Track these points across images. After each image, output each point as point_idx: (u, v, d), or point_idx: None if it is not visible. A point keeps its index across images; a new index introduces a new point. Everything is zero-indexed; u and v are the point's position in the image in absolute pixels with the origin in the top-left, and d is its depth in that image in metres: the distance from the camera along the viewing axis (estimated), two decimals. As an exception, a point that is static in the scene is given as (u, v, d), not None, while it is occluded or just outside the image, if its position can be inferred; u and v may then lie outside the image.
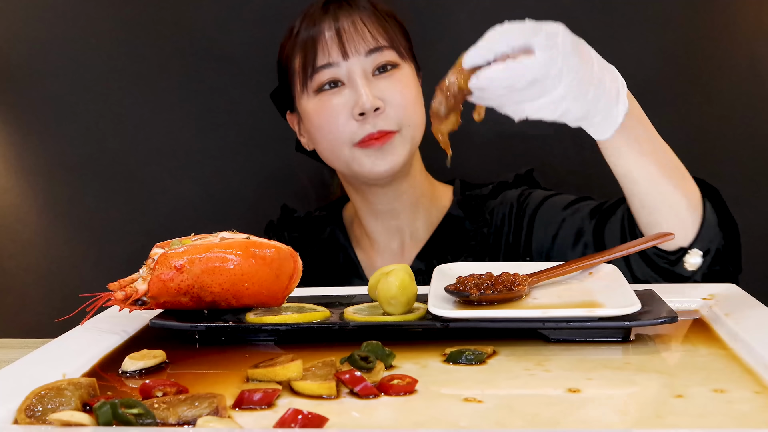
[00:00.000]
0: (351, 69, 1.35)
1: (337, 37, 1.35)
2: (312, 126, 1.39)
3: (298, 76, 1.39)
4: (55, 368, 0.83)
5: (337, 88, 1.36)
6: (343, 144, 1.35)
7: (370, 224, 1.47)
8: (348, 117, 1.34)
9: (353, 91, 1.34)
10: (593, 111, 1.00)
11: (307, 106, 1.39)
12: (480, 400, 0.73)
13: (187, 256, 0.93)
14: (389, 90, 1.35)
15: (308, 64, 1.37)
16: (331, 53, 1.35)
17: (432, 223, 1.47)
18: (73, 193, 1.97)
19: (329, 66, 1.35)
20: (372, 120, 1.33)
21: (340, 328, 0.92)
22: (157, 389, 0.74)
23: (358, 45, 1.35)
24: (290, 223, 1.58)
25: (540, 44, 0.93)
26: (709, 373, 0.79)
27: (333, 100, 1.35)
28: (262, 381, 0.78)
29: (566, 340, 0.90)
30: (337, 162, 1.39)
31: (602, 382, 0.78)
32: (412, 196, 1.44)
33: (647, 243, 1.05)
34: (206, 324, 0.94)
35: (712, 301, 1.01)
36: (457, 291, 0.94)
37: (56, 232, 1.97)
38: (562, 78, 0.94)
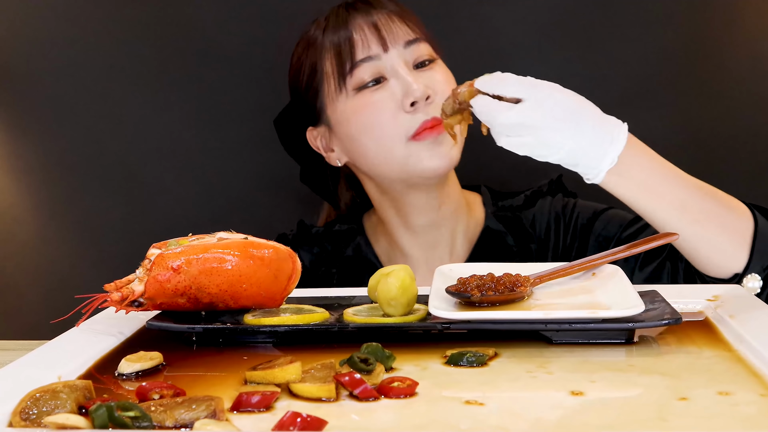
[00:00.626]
0: (393, 61, 1.31)
1: (374, 29, 1.31)
2: (355, 128, 1.32)
3: (332, 77, 1.33)
4: (50, 370, 0.83)
5: (379, 84, 1.31)
6: (397, 139, 1.29)
7: (404, 239, 1.40)
8: (396, 110, 1.29)
9: (398, 82, 1.30)
10: (574, 158, 1.09)
11: (346, 107, 1.32)
12: (481, 403, 0.73)
13: (184, 257, 0.93)
14: (434, 80, 1.31)
15: (345, 60, 1.31)
16: (370, 46, 1.31)
17: (470, 237, 1.42)
18: (70, 193, 1.97)
19: (369, 60, 1.30)
20: (422, 109, 1.29)
21: (339, 329, 0.92)
22: (153, 392, 0.74)
23: (396, 36, 1.32)
24: (308, 239, 1.49)
25: (528, 98, 1.07)
26: (714, 375, 0.78)
27: (377, 95, 1.30)
28: (260, 383, 0.78)
29: (569, 342, 0.89)
30: (388, 164, 1.31)
31: (605, 384, 0.78)
32: (450, 205, 1.39)
33: (652, 243, 1.05)
34: (203, 325, 0.94)
35: (717, 302, 1.01)
36: (459, 292, 0.93)
37: (53, 232, 1.97)
38: (536, 131, 1.06)
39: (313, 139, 1.42)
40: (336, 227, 1.49)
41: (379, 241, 1.46)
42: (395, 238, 1.41)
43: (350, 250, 1.46)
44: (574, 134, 1.06)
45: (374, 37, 1.31)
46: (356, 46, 1.31)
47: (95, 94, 1.93)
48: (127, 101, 1.92)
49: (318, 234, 1.49)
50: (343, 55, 1.32)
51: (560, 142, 1.06)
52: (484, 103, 1.08)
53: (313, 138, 1.42)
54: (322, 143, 1.41)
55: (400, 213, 1.39)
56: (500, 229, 1.41)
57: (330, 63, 1.33)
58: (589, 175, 1.10)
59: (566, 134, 1.06)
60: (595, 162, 1.08)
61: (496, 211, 1.43)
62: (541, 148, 1.07)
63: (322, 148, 1.42)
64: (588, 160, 1.08)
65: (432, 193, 1.36)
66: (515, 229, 1.41)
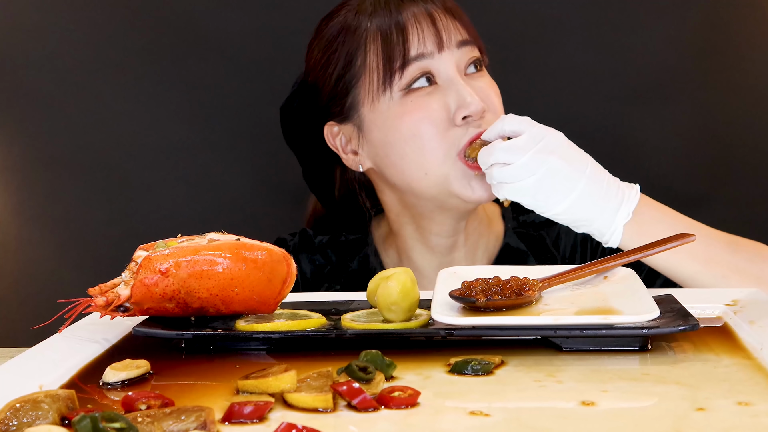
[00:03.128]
0: (447, 64, 1.23)
1: (431, 22, 1.23)
2: (397, 136, 1.24)
3: (376, 72, 1.23)
4: (31, 379, 0.83)
5: (429, 87, 1.23)
6: (444, 156, 1.22)
7: (420, 256, 1.36)
8: (447, 121, 1.22)
9: (452, 91, 1.22)
10: (583, 217, 1.15)
11: (389, 110, 1.24)
12: (487, 414, 0.73)
13: (172, 259, 0.93)
14: (486, 92, 1.25)
15: (395, 55, 1.21)
16: (426, 42, 1.22)
17: (489, 254, 1.39)
18: (51, 191, 1.97)
19: (422, 58, 1.22)
20: (475, 122, 1.22)
21: (337, 336, 0.92)
22: (140, 402, 0.74)
23: (451, 35, 1.24)
24: (311, 249, 1.43)
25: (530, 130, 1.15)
26: (733, 384, 0.79)
27: (429, 101, 1.22)
28: (253, 393, 0.78)
29: (579, 349, 0.90)
30: (428, 180, 1.24)
31: (618, 394, 0.78)
32: (473, 222, 1.35)
33: (668, 245, 1.05)
34: (193, 332, 0.94)
35: (736, 306, 1.01)
36: (463, 296, 0.94)
37: (33, 232, 1.97)
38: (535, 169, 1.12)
39: (332, 136, 1.33)
40: (342, 237, 1.43)
41: (389, 253, 1.41)
42: (409, 253, 1.37)
43: (356, 263, 1.41)
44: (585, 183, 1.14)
45: (431, 33, 1.22)
46: (410, 40, 1.22)
47: (76, 86, 1.93)
48: (111, 95, 1.92)
49: (322, 244, 1.43)
50: (393, 49, 1.22)
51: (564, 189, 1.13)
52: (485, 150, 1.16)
53: (332, 136, 1.33)
54: (342, 142, 1.33)
55: (419, 229, 1.34)
56: (521, 248, 1.37)
57: (375, 55, 1.24)
58: (605, 234, 1.15)
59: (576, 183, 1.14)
60: (609, 216, 1.13)
61: (517, 227, 1.40)
62: (545, 195, 1.13)
63: (341, 148, 1.33)
64: (601, 214, 1.14)
65: (462, 218, 1.32)
66: (537, 249, 1.38)
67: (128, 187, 1.95)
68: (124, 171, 1.95)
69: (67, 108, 1.94)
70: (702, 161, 1.88)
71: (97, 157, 1.95)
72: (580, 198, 1.13)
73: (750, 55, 1.83)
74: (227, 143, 1.93)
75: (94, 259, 1.96)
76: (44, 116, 1.95)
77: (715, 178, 1.88)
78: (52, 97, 1.94)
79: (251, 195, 1.94)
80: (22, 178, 1.96)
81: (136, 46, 1.91)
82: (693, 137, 1.87)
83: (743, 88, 1.85)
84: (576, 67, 1.88)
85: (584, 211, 1.14)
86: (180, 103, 1.92)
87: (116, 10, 1.90)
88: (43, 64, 1.93)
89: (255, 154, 1.92)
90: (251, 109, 1.89)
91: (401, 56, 1.22)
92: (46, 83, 1.93)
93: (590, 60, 1.87)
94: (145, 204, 1.95)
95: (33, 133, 1.95)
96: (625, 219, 1.14)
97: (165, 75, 1.91)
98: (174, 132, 1.93)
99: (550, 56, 1.88)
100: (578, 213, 1.14)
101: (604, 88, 1.88)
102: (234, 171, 1.93)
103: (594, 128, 1.88)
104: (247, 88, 1.88)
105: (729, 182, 1.88)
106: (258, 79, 1.73)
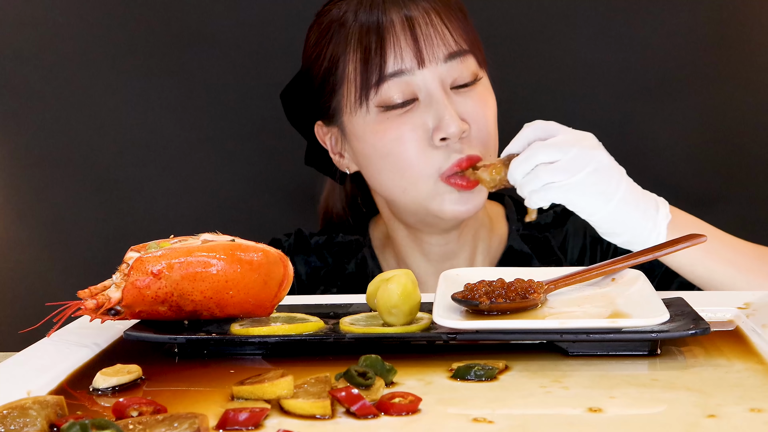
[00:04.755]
0: (428, 80, 1.21)
1: (410, 34, 1.20)
2: (372, 151, 1.24)
3: (354, 84, 1.22)
4: (18, 385, 0.83)
5: (408, 106, 1.22)
6: (425, 177, 1.22)
7: (416, 261, 1.36)
8: (426, 141, 1.21)
9: (431, 109, 1.21)
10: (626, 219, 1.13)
11: (365, 125, 1.23)
12: (491, 421, 0.73)
13: (165, 261, 0.93)
14: (471, 109, 1.23)
15: (372, 70, 1.20)
16: (404, 57, 1.20)
17: (491, 258, 1.38)
18: (38, 190, 1.97)
19: (400, 74, 1.20)
20: (455, 145, 1.21)
21: (335, 340, 0.92)
22: (131, 408, 0.74)
23: (436, 49, 1.21)
24: (306, 250, 1.43)
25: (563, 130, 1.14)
26: (745, 390, 0.79)
27: (405, 120, 1.21)
28: (248, 399, 0.78)
29: (586, 354, 0.90)
30: (406, 196, 1.25)
31: (626, 400, 0.78)
32: (472, 229, 1.35)
33: (678, 246, 1.05)
34: (187, 336, 0.94)
35: (749, 310, 1.01)
36: (466, 299, 0.94)
37: (20, 232, 1.97)
38: (586, 163, 1.10)
39: (322, 135, 1.35)
40: (339, 238, 1.43)
41: (387, 256, 1.41)
42: (404, 256, 1.37)
43: (353, 266, 1.41)
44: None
45: (409, 48, 1.20)
46: (388, 54, 1.20)
47: (65, 82, 1.93)
48: (101, 91, 1.92)
49: (318, 245, 1.43)
50: (370, 63, 1.20)
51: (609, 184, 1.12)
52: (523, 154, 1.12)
53: (322, 134, 1.35)
54: (331, 143, 1.34)
55: (416, 239, 1.35)
56: (525, 250, 1.37)
57: (354, 67, 1.23)
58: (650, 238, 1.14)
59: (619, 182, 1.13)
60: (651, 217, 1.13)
61: (522, 229, 1.39)
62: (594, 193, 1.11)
63: (330, 148, 1.34)
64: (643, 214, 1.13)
65: (452, 229, 1.32)
66: (542, 252, 1.37)
67: (119, 186, 1.95)
68: (115, 169, 1.95)
69: (55, 105, 1.93)
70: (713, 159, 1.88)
71: (87, 155, 1.95)
72: (625, 196, 1.12)
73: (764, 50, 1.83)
74: (221, 141, 1.93)
75: (84, 260, 1.96)
76: (32, 113, 1.95)
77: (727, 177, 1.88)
78: (40, 93, 1.94)
79: (246, 194, 1.94)
80: (9, 177, 1.96)
81: (127, 41, 1.91)
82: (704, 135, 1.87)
83: (757, 84, 1.85)
84: (584, 62, 1.88)
85: (627, 212, 1.13)
86: (172, 100, 1.92)
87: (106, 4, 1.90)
88: (31, 60, 1.92)
89: (250, 153, 1.91)
90: (245, 107, 1.89)
91: (377, 71, 1.20)
92: (33, 79, 1.93)
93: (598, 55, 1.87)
94: (137, 203, 1.95)
95: (20, 130, 1.95)
96: (666, 219, 1.13)
97: (156, 72, 1.91)
98: (166, 129, 1.93)
99: (558, 51, 1.88)
100: (622, 214, 1.13)
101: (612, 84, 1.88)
102: (228, 169, 1.93)
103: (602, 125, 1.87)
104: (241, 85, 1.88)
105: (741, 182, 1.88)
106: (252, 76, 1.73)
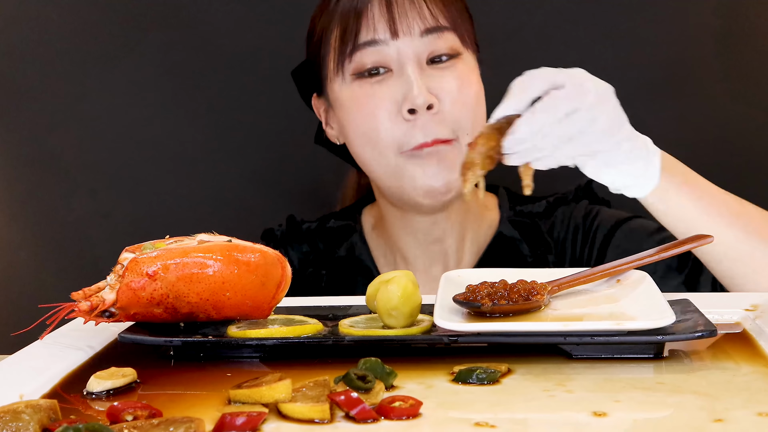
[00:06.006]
0: (401, 51, 1.26)
1: (387, 9, 1.26)
2: (347, 120, 1.30)
3: (333, 53, 1.29)
4: (11, 388, 0.83)
5: (380, 76, 1.27)
6: (389, 149, 1.27)
7: (408, 247, 1.39)
8: (394, 114, 1.26)
9: (402, 80, 1.26)
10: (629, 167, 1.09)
11: (342, 93, 1.30)
12: (493, 425, 0.74)
13: (160, 262, 0.94)
14: (446, 84, 1.26)
15: (348, 39, 1.27)
16: (377, 29, 1.26)
17: (480, 243, 1.41)
18: (31, 190, 1.97)
19: (374, 44, 1.26)
20: (423, 121, 1.25)
21: (334, 343, 0.92)
22: (126, 412, 0.74)
23: (411, 22, 1.26)
24: (297, 236, 1.48)
25: (568, 79, 1.04)
26: (753, 393, 0.79)
27: (376, 90, 1.27)
28: (245, 403, 0.79)
29: (591, 357, 0.90)
30: (378, 171, 1.30)
31: (631, 404, 0.78)
32: (460, 214, 1.37)
33: (683, 247, 1.05)
34: (182, 338, 0.94)
35: (756, 311, 1.01)
36: (467, 301, 0.94)
37: (13, 233, 1.97)
38: (603, 111, 1.04)
39: (317, 108, 1.42)
40: (330, 223, 1.48)
41: (377, 241, 1.45)
42: (395, 239, 1.40)
43: (343, 250, 1.44)
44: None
45: (384, 19, 1.26)
46: (362, 26, 1.26)
47: (56, 77, 1.93)
48: (94, 90, 1.92)
49: (309, 231, 1.47)
50: (347, 33, 1.27)
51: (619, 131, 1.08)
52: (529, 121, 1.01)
53: (317, 107, 1.42)
54: (323, 115, 1.41)
55: (404, 221, 1.37)
56: (514, 236, 1.39)
57: (334, 38, 1.30)
58: (639, 182, 1.10)
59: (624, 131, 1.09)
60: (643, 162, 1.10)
61: (513, 216, 1.41)
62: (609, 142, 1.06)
63: (323, 120, 1.41)
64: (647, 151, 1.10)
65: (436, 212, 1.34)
66: (531, 237, 1.39)
67: (113, 185, 1.95)
68: (108, 168, 1.95)
69: (48, 104, 1.94)
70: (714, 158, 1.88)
71: (80, 155, 1.95)
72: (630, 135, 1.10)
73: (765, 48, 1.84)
74: (217, 138, 1.93)
75: (77, 261, 1.96)
76: (25, 112, 1.95)
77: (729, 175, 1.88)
78: (32, 92, 1.94)
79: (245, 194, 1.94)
80: (2, 176, 1.97)
81: (122, 39, 1.91)
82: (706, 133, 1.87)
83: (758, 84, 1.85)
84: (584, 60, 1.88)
85: (634, 152, 1.10)
86: (165, 98, 1.92)
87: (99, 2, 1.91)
88: (24, 59, 1.93)
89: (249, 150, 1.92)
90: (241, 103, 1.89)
91: (352, 41, 1.27)
92: (26, 78, 1.93)
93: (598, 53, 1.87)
94: (131, 203, 1.95)
95: (12, 129, 1.95)
96: (658, 155, 1.12)
97: (149, 69, 1.91)
98: (160, 128, 1.93)
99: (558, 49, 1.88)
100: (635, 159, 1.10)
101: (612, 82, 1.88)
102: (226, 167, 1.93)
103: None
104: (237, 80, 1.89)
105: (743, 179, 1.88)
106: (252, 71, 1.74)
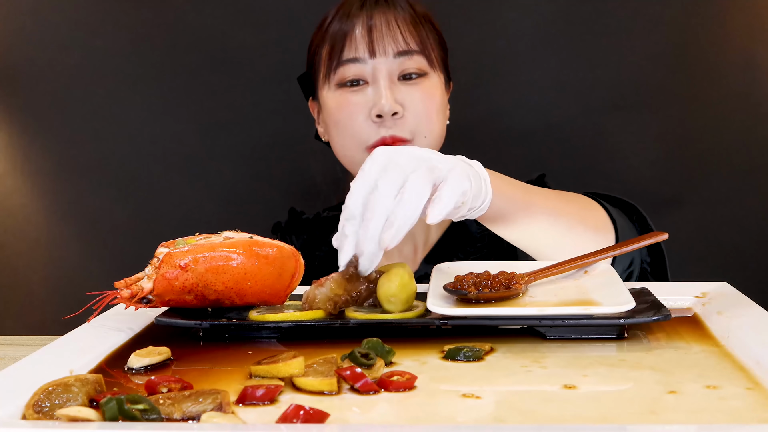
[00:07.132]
0: (376, 68, 1.33)
1: (367, 33, 1.33)
2: (330, 120, 1.38)
3: (323, 66, 1.37)
4: (62, 365, 0.83)
5: (359, 87, 1.34)
6: (357, 145, 1.34)
7: None
8: (366, 117, 1.33)
9: (375, 91, 1.33)
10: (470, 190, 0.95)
11: (328, 98, 1.37)
12: (478, 396, 0.74)
13: (191, 255, 0.93)
14: (411, 97, 1.33)
15: (334, 56, 1.34)
16: (358, 49, 1.33)
17: (443, 227, 1.47)
18: (79, 194, 1.97)
19: (355, 61, 1.33)
20: (388, 124, 1.31)
21: (341, 325, 0.92)
22: (162, 385, 0.74)
23: (387, 45, 1.33)
24: (298, 226, 1.56)
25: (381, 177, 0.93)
26: (702, 369, 0.79)
27: (353, 97, 1.34)
28: (264, 377, 0.79)
29: (562, 338, 0.90)
30: (349, 163, 1.37)
31: (597, 378, 0.78)
32: None
33: (642, 242, 1.05)
34: (210, 322, 0.94)
35: (705, 299, 1.01)
36: (456, 289, 0.94)
37: (63, 231, 1.98)
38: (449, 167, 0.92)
39: (312, 109, 1.48)
40: (324, 214, 1.55)
41: None
42: None
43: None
44: None
45: (364, 42, 1.33)
46: (346, 46, 1.34)
47: (101, 97, 1.94)
48: (130, 105, 1.93)
49: (308, 221, 1.55)
50: (334, 51, 1.35)
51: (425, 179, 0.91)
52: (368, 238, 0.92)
53: (312, 108, 1.48)
54: (317, 117, 1.47)
55: None
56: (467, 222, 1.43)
57: (325, 52, 1.37)
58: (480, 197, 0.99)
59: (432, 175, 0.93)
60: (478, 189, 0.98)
61: None
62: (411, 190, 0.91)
63: (316, 120, 1.47)
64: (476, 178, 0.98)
65: None
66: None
67: (150, 190, 1.96)
68: (146, 175, 1.96)
69: (92, 118, 1.94)
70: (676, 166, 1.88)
71: (121, 164, 1.95)
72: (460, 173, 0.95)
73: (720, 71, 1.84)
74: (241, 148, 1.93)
75: (119, 255, 1.96)
76: (74, 126, 1.95)
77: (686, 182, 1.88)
78: (81, 108, 1.94)
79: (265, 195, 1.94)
80: (53, 182, 1.97)
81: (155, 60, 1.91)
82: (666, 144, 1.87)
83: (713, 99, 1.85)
84: (558, 79, 1.88)
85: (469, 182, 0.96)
86: (197, 111, 1.92)
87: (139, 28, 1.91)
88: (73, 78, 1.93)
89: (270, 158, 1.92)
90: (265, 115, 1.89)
91: (337, 58, 1.35)
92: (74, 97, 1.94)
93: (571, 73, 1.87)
94: (166, 205, 1.95)
95: (64, 142, 1.96)
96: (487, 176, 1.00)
97: (182, 86, 1.91)
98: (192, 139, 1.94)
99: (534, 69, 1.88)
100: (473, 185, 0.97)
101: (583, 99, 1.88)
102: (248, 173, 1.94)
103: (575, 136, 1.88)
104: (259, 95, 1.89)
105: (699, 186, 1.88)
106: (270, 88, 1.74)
